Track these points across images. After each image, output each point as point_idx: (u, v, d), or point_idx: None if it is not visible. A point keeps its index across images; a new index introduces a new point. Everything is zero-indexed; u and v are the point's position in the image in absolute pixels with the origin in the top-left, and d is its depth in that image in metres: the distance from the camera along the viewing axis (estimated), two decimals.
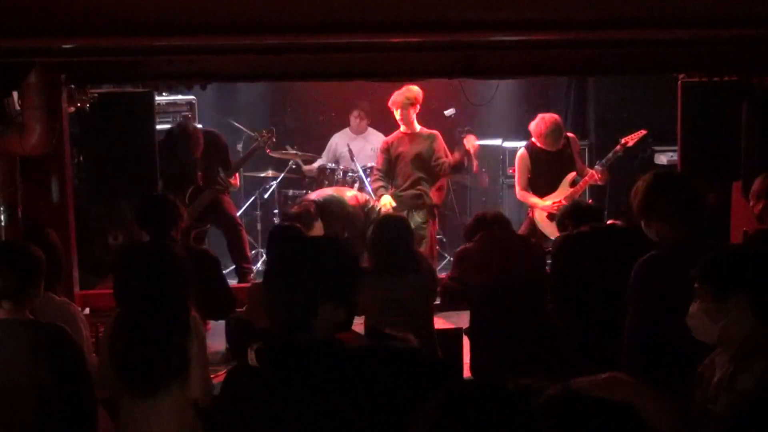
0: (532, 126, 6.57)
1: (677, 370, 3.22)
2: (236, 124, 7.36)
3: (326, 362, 2.34)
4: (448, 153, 6.86)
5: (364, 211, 6.63)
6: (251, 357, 2.36)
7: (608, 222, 4.73)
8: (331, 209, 6.35)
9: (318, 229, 6.11)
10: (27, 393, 3.27)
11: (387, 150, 6.90)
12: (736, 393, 2.35)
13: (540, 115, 6.60)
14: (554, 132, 6.45)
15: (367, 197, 6.82)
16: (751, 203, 4.27)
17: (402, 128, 6.85)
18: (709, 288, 2.56)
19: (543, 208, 6.62)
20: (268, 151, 6.94)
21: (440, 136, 6.84)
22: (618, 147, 6.58)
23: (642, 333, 3.52)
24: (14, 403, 3.27)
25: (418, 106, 6.78)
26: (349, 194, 6.73)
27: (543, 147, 6.54)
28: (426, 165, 6.80)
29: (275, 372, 2.35)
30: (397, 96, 6.74)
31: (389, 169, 6.88)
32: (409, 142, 6.82)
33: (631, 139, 6.61)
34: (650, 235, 3.61)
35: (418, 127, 6.83)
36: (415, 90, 6.72)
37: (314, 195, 6.65)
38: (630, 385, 2.20)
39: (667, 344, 3.45)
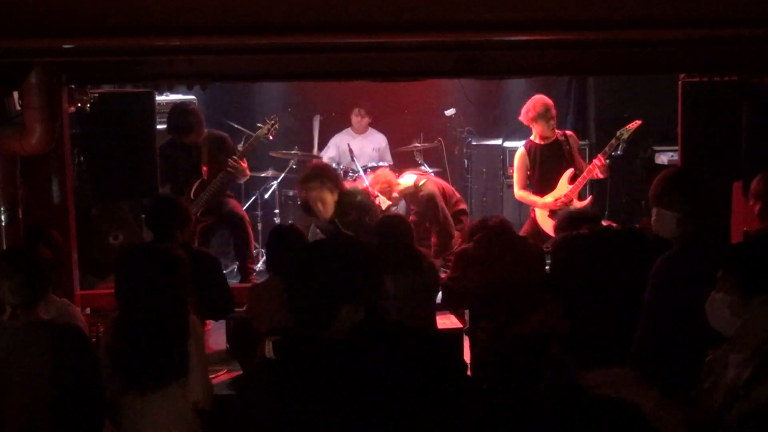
0: (522, 113, 6.56)
1: (690, 367, 3.22)
2: (236, 126, 7.35)
3: (342, 362, 2.35)
4: None
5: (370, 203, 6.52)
6: (269, 349, 2.37)
7: (604, 224, 4.75)
8: (351, 194, 6.30)
9: (330, 201, 5.94)
10: (46, 393, 3.29)
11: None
12: (753, 404, 2.27)
13: (528, 100, 6.61)
14: (544, 112, 6.45)
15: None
16: (751, 203, 4.27)
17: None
18: (734, 282, 2.49)
19: (543, 205, 6.60)
20: (270, 138, 6.93)
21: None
22: (614, 140, 6.57)
23: (658, 327, 3.51)
24: (34, 403, 3.29)
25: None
26: (358, 187, 6.66)
27: (533, 125, 6.53)
28: None
29: (293, 366, 2.38)
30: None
31: None
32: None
33: (626, 131, 6.58)
34: (656, 226, 3.62)
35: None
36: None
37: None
38: (638, 386, 2.17)
39: (682, 340, 3.45)
